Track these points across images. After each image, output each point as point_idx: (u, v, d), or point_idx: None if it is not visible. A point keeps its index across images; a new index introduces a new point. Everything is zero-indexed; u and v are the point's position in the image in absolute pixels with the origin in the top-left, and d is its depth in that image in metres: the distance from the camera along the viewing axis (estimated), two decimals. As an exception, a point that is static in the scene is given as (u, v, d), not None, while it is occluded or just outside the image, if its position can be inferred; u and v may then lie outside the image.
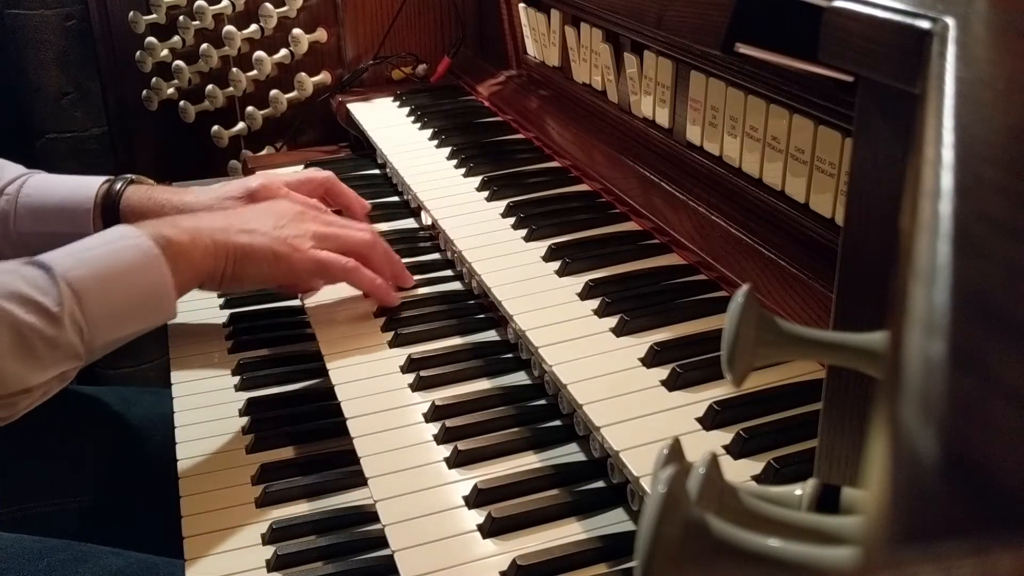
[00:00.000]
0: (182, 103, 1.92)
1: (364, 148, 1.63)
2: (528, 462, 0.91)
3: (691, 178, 1.15)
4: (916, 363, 0.25)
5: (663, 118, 1.19)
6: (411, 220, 1.38)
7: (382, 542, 0.84)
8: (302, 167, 1.57)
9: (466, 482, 0.88)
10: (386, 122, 1.58)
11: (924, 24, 0.48)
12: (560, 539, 0.82)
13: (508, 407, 0.98)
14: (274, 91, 1.75)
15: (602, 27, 1.30)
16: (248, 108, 1.80)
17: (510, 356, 1.06)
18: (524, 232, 1.16)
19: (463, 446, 0.91)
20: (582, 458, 0.91)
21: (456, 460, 0.90)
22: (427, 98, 1.65)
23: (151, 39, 1.92)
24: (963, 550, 0.20)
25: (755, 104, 1.00)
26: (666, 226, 1.09)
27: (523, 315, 0.99)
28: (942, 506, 0.21)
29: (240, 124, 1.83)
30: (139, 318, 1.03)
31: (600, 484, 0.88)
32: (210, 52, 1.84)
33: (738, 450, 0.78)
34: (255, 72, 1.77)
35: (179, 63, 1.91)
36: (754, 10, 0.84)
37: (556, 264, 1.08)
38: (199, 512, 0.97)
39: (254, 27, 1.78)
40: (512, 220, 1.19)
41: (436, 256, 1.28)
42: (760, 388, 0.84)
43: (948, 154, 0.34)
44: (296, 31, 1.71)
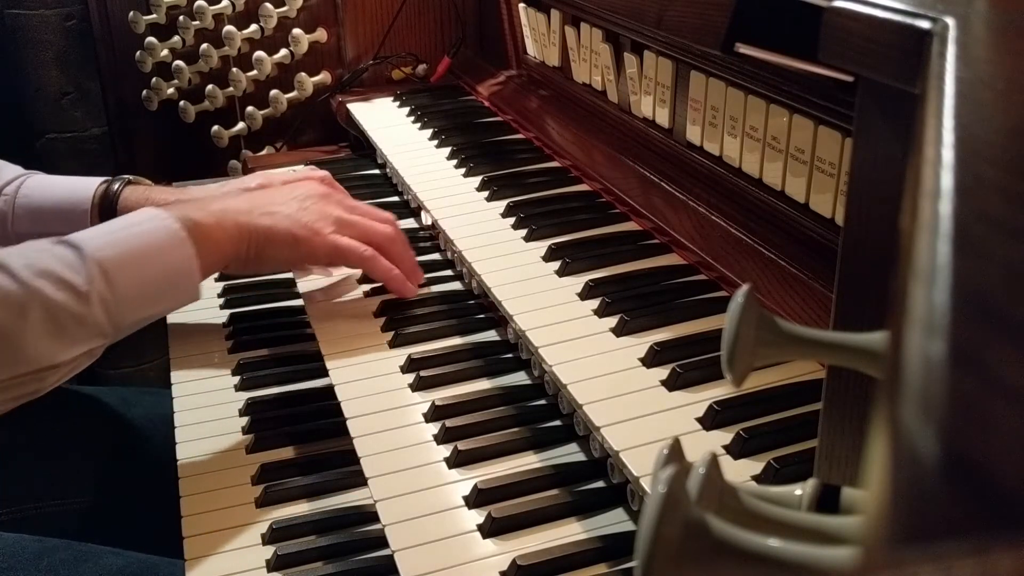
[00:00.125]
0: (182, 103, 1.92)
1: (364, 148, 1.63)
2: (528, 462, 0.91)
3: (691, 178, 1.15)
4: (916, 363, 0.25)
5: (663, 118, 1.19)
6: (411, 220, 1.38)
7: (382, 542, 0.84)
8: (302, 167, 1.57)
9: (466, 482, 0.88)
10: (386, 122, 1.58)
11: (924, 24, 0.48)
12: (560, 539, 0.82)
13: (508, 407, 0.98)
14: (274, 91, 1.75)
15: (602, 27, 1.30)
16: (248, 108, 1.80)
17: (510, 356, 1.06)
18: (524, 232, 1.16)
19: (463, 446, 0.91)
20: (582, 458, 0.91)
21: (456, 460, 0.90)
22: (427, 98, 1.65)
23: (151, 39, 1.92)
24: (963, 550, 0.20)
25: (755, 104, 1.00)
26: (666, 226, 1.09)
27: (523, 315, 0.99)
28: (942, 506, 0.21)
29: (240, 124, 1.83)
30: (164, 298, 1.05)
31: (600, 484, 0.88)
32: (210, 52, 1.84)
33: (738, 450, 0.78)
34: (255, 72, 1.77)
35: (179, 63, 1.91)
36: (754, 10, 0.84)
37: (556, 264, 1.08)
38: (199, 512, 0.97)
39: (254, 27, 1.78)
40: (512, 220, 1.19)
41: (436, 256, 1.28)
42: (760, 388, 0.84)
43: (948, 154, 0.34)
44: (296, 31, 1.71)
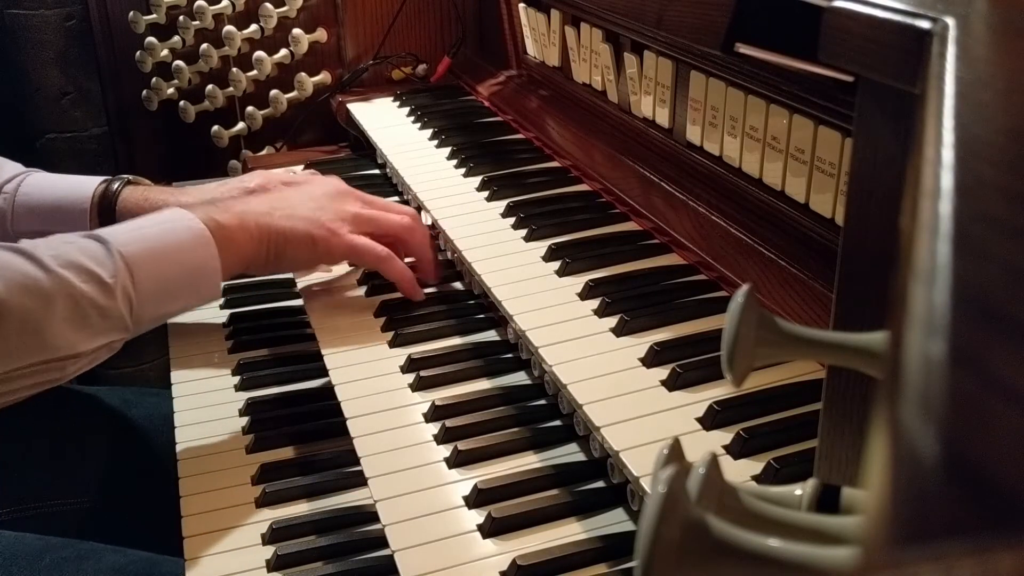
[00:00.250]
0: (182, 103, 1.92)
1: (364, 148, 1.63)
2: (528, 462, 0.91)
3: (691, 178, 1.15)
4: (916, 363, 0.25)
5: (663, 118, 1.19)
6: (411, 220, 1.38)
7: (382, 542, 0.84)
8: (302, 167, 1.57)
9: (466, 482, 0.88)
10: (386, 122, 1.58)
11: (924, 24, 0.48)
12: (560, 539, 0.82)
13: (508, 407, 0.98)
14: (274, 91, 1.75)
15: (602, 27, 1.30)
16: (248, 108, 1.80)
17: (510, 356, 1.06)
18: (524, 232, 1.16)
19: (463, 446, 0.91)
20: (582, 458, 0.91)
21: (456, 460, 0.90)
22: (427, 98, 1.65)
23: (151, 39, 1.92)
24: (963, 550, 0.20)
25: (755, 104, 1.00)
26: (666, 226, 1.09)
27: (523, 315, 0.99)
28: (942, 506, 0.21)
29: (240, 124, 1.83)
30: (185, 296, 1.07)
31: (600, 484, 0.88)
32: (210, 52, 1.84)
33: (738, 450, 0.78)
34: (255, 72, 1.77)
35: (179, 63, 1.91)
36: (754, 10, 0.84)
37: (556, 264, 1.08)
38: (199, 512, 0.97)
39: (254, 27, 1.78)
40: (512, 220, 1.19)
41: (436, 256, 1.28)
42: (760, 388, 0.84)
43: (948, 154, 0.34)
44: (296, 31, 1.71)
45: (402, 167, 1.40)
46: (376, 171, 1.55)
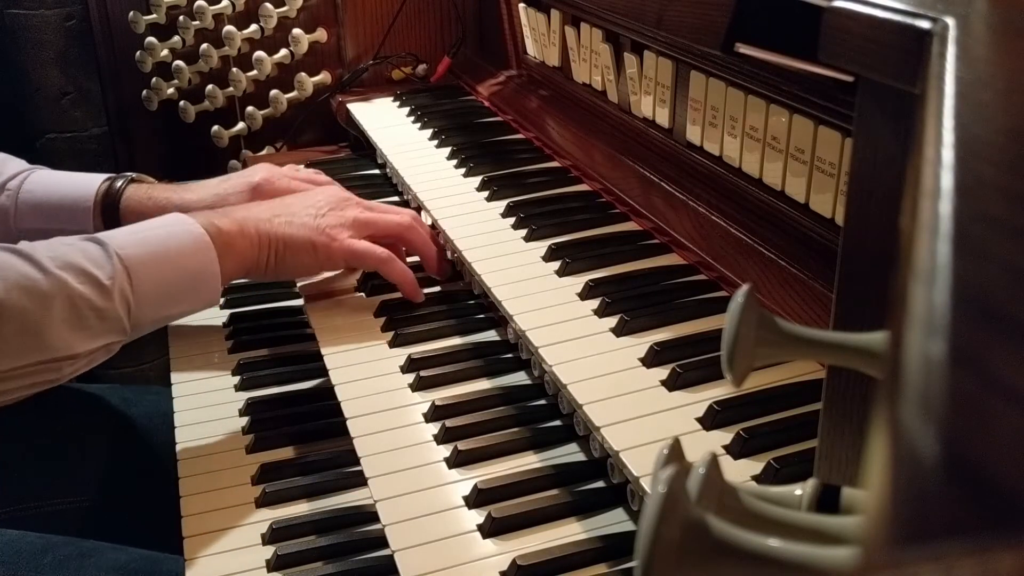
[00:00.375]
0: (182, 103, 1.92)
1: (364, 148, 1.63)
2: (528, 462, 0.91)
3: (691, 178, 1.15)
4: (916, 363, 0.25)
5: (663, 118, 1.19)
6: (411, 220, 1.38)
7: (382, 542, 0.84)
8: (303, 167, 1.57)
9: (466, 482, 0.88)
10: (386, 122, 1.58)
11: (924, 24, 0.48)
12: (560, 539, 0.82)
13: (508, 407, 0.98)
14: (274, 91, 1.75)
15: (602, 27, 1.30)
16: (248, 108, 1.80)
17: (510, 356, 1.06)
18: (524, 232, 1.16)
19: (463, 446, 0.91)
20: (582, 458, 0.91)
21: (456, 460, 0.90)
22: (427, 98, 1.65)
23: (151, 39, 1.92)
24: (963, 550, 0.20)
25: (755, 104, 1.00)
26: (666, 226, 1.09)
27: (523, 315, 0.99)
28: (942, 506, 0.21)
29: (240, 124, 1.83)
30: (184, 300, 1.07)
31: (600, 484, 0.88)
32: (210, 52, 1.84)
33: (738, 450, 0.78)
34: (255, 72, 1.77)
35: (179, 63, 1.91)
36: (754, 10, 0.84)
37: (556, 264, 1.08)
38: (199, 512, 0.97)
39: (254, 27, 1.78)
40: (512, 220, 1.19)
41: (436, 256, 1.28)
42: (760, 388, 0.84)
43: (948, 154, 0.34)
44: (296, 31, 1.71)
45: (402, 167, 1.40)
46: (376, 171, 1.55)
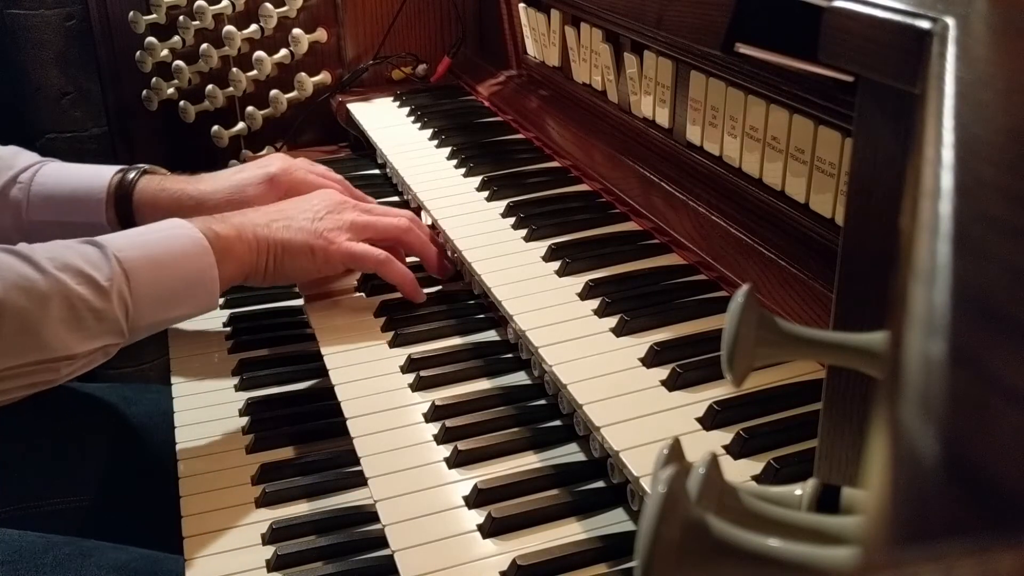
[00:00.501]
0: (182, 103, 1.92)
1: (364, 148, 1.63)
2: (528, 462, 0.91)
3: (691, 178, 1.15)
4: (916, 363, 0.25)
5: (663, 118, 1.19)
6: (411, 220, 1.38)
7: (382, 542, 0.84)
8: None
9: (466, 482, 0.88)
10: (386, 122, 1.58)
11: (924, 24, 0.48)
12: (560, 539, 0.82)
13: (508, 407, 0.98)
14: (274, 91, 1.75)
15: (602, 27, 1.30)
16: (248, 108, 1.80)
17: (510, 356, 1.06)
18: (524, 232, 1.16)
19: (463, 446, 0.91)
20: (582, 458, 0.91)
21: (456, 460, 0.90)
22: (427, 98, 1.65)
23: (151, 39, 1.92)
24: (963, 550, 0.20)
25: (755, 104, 1.00)
26: (666, 226, 1.09)
27: (523, 315, 0.99)
28: (942, 506, 0.21)
29: (240, 124, 1.83)
30: (182, 304, 1.07)
31: (600, 484, 0.88)
32: (210, 52, 1.84)
33: (738, 450, 0.78)
34: (255, 72, 1.76)
35: (179, 63, 1.91)
36: (754, 10, 0.84)
37: (556, 264, 1.08)
38: (199, 512, 0.97)
39: (254, 27, 1.78)
40: (512, 220, 1.19)
41: (436, 256, 1.28)
42: (760, 388, 0.84)
43: (948, 154, 0.34)
44: (296, 31, 1.70)
45: (402, 167, 1.40)
46: (376, 171, 1.55)
